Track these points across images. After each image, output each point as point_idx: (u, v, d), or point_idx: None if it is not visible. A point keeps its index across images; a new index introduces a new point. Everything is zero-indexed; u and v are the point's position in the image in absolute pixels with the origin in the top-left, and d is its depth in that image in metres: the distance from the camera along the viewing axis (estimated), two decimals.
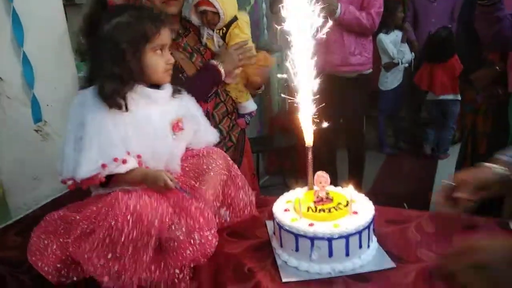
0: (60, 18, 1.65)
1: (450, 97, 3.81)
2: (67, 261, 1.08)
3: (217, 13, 1.55)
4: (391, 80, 4.10)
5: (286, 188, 1.03)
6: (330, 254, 0.98)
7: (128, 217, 0.99)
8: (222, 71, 1.55)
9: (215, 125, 1.59)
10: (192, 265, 1.04)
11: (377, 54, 3.87)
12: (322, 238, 0.97)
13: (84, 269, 1.02)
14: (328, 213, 1.01)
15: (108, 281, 0.99)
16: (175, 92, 1.24)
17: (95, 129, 1.07)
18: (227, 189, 1.25)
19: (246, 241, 1.17)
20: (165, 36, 1.17)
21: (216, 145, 1.58)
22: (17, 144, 1.55)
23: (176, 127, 1.21)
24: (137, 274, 0.99)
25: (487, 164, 1.05)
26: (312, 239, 0.97)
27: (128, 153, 1.10)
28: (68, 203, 1.21)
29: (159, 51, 1.17)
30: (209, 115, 1.57)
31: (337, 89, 2.72)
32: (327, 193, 1.07)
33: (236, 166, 1.31)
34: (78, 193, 1.18)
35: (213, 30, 1.60)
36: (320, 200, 1.05)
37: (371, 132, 4.21)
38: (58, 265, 1.07)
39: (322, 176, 1.06)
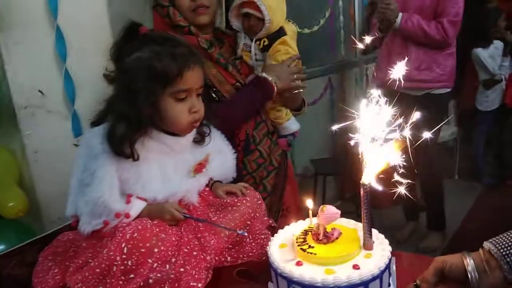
0: (105, 34, 1.64)
1: None
2: None
3: (262, 20, 1.35)
4: (492, 99, 3.58)
5: (359, 217, 0.81)
6: None
7: (123, 245, 0.90)
8: (275, 88, 1.35)
9: (255, 147, 1.43)
10: None
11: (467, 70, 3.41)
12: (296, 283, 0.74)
13: None
14: (314, 256, 0.77)
15: None
16: (201, 139, 1.12)
17: (99, 182, 0.94)
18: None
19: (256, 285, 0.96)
20: (191, 80, 0.99)
21: (257, 168, 1.45)
22: (56, 158, 1.55)
23: (198, 169, 1.08)
24: None
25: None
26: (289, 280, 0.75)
27: (130, 197, 0.99)
28: None
29: (182, 97, 1.00)
30: (248, 137, 1.42)
31: (402, 108, 2.38)
32: (325, 231, 0.81)
33: (263, 207, 1.15)
34: None
35: (252, 40, 1.42)
36: (317, 237, 0.81)
37: (465, 158, 3.73)
38: None
39: (320, 209, 0.81)
